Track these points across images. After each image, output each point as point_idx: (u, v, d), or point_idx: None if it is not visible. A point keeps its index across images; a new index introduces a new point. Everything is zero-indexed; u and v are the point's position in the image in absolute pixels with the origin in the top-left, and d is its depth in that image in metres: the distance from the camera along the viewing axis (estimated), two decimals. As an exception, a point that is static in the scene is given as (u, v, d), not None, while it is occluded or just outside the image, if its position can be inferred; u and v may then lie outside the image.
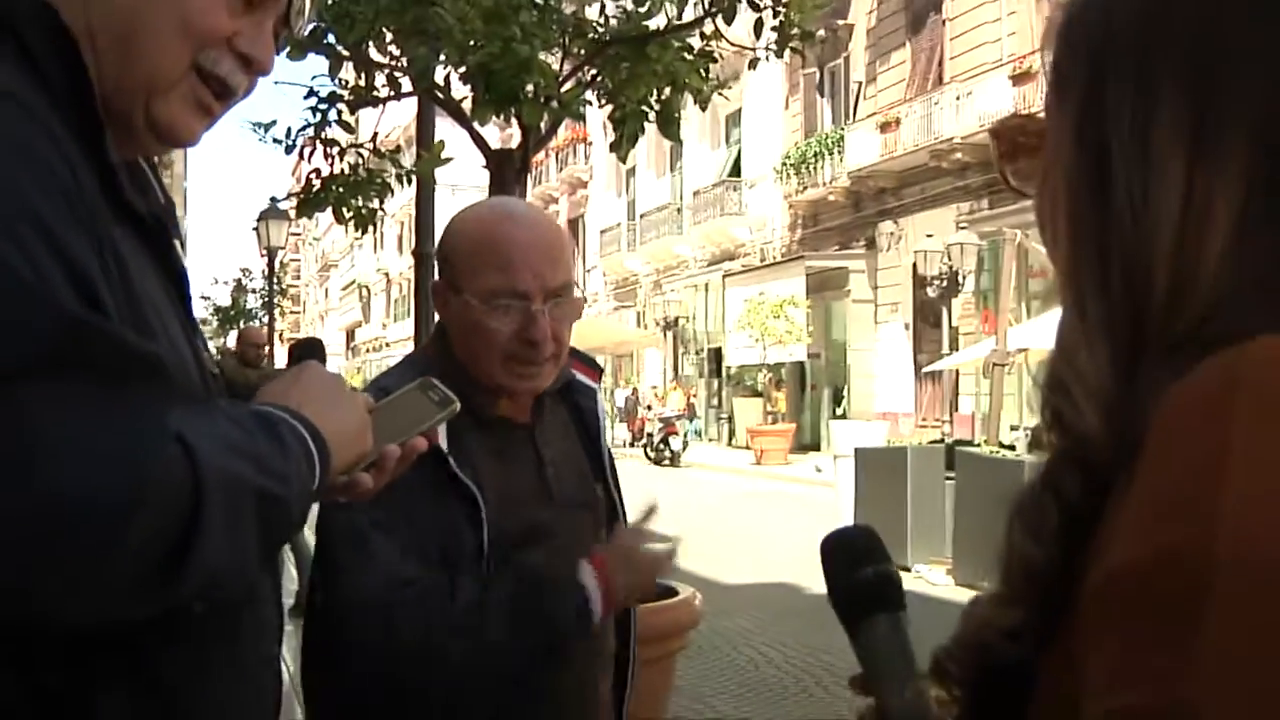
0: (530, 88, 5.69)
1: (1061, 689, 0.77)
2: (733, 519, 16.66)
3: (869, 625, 1.10)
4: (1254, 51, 0.80)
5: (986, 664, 0.86)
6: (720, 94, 7.01)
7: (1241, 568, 0.66)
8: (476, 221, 2.16)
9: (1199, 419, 0.71)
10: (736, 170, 34.53)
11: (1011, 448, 12.24)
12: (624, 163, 6.28)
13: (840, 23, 28.45)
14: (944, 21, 26.04)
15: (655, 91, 6.22)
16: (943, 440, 15.26)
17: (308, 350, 10.50)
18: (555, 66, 6.03)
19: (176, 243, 1.40)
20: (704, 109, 7.03)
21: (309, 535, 2.05)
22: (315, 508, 1.37)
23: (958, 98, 24.34)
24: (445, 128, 7.65)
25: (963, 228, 23.18)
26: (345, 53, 6.19)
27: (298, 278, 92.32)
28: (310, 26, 5.66)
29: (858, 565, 1.12)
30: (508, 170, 6.06)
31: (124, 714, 1.16)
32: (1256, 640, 0.65)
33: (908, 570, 10.66)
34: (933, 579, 10.81)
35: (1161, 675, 0.67)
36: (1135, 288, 0.81)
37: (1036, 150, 0.94)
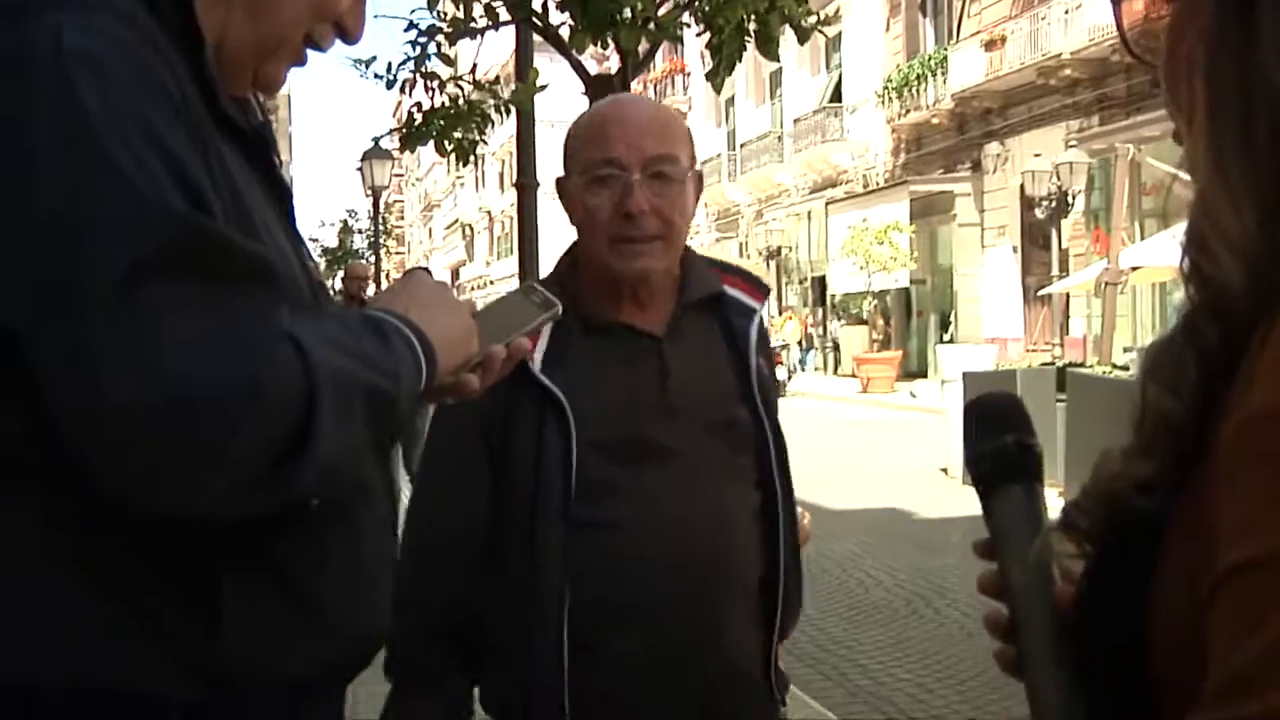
0: (627, 11, 5.67)
1: (1192, 541, 0.76)
2: (839, 446, 16.59)
3: (1003, 493, 1.08)
4: None
5: (1117, 517, 0.86)
6: (819, 30, 6.90)
7: None
8: (588, 112, 2.20)
9: None
10: (837, 96, 34.02)
11: (1125, 369, 12.00)
12: (719, 92, 6.21)
13: (942, -61, 27.82)
14: (1050, -66, 25.33)
15: (753, 15, 6.14)
16: (1053, 363, 15.02)
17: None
18: (653, -9, 5.99)
19: (277, 160, 1.44)
20: (803, 42, 6.93)
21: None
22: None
23: (1066, 11, 23.68)
24: (543, 62, 7.66)
25: (1072, 146, 22.61)
26: (443, -16, 6.20)
27: (402, 218, 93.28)
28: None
29: (1000, 432, 1.09)
30: (609, 96, 6.05)
31: (247, 600, 1.20)
32: None
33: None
34: (1046, 502, 10.69)
35: None
36: None
37: (1161, 15, 0.92)
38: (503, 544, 2.06)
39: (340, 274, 25.08)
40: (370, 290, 12.77)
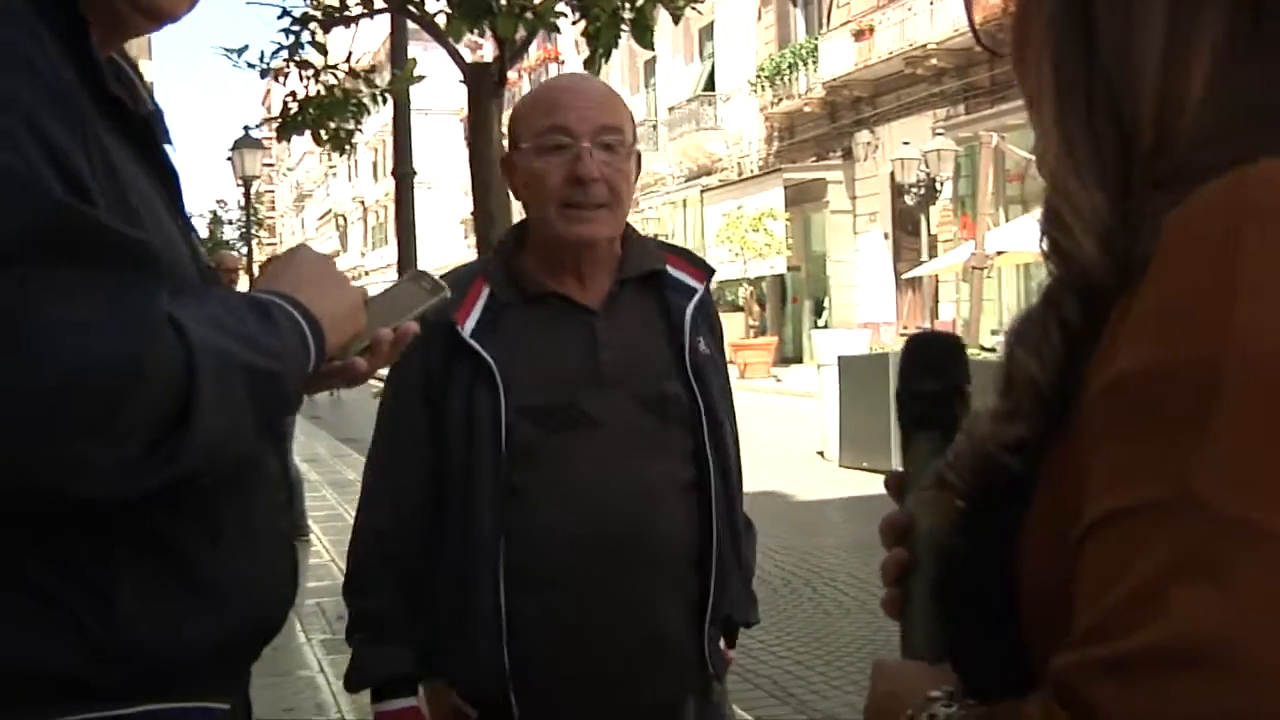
0: (504, 2, 5.66)
1: (1056, 497, 0.80)
2: (718, 431, 16.68)
3: (923, 438, 1.08)
4: None
5: (987, 476, 0.89)
6: (693, 8, 6.95)
7: (1251, 373, 0.68)
8: (537, 87, 2.29)
9: (1206, 239, 0.73)
10: (711, 84, 34.17)
11: (992, 350, 12.30)
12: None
13: (811, -70, 28.13)
14: (915, -75, 25.77)
15: (628, 2, 6.17)
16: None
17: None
18: (528, -22, 5.98)
19: (167, 145, 1.41)
20: (677, 21, 6.98)
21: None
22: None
23: (931, 2, 24.13)
24: (416, 50, 7.60)
25: (939, 134, 23.07)
26: (317, -29, 6.13)
27: (273, 208, 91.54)
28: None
29: (925, 374, 1.10)
30: (485, 84, 6.03)
31: (145, 583, 1.20)
32: (1264, 438, 0.68)
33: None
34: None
35: (1170, 471, 0.69)
36: (1123, 125, 0.83)
37: (1009, 9, 0.96)
38: (441, 515, 2.10)
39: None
40: (242, 283, 12.56)
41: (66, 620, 1.17)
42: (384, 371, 1.72)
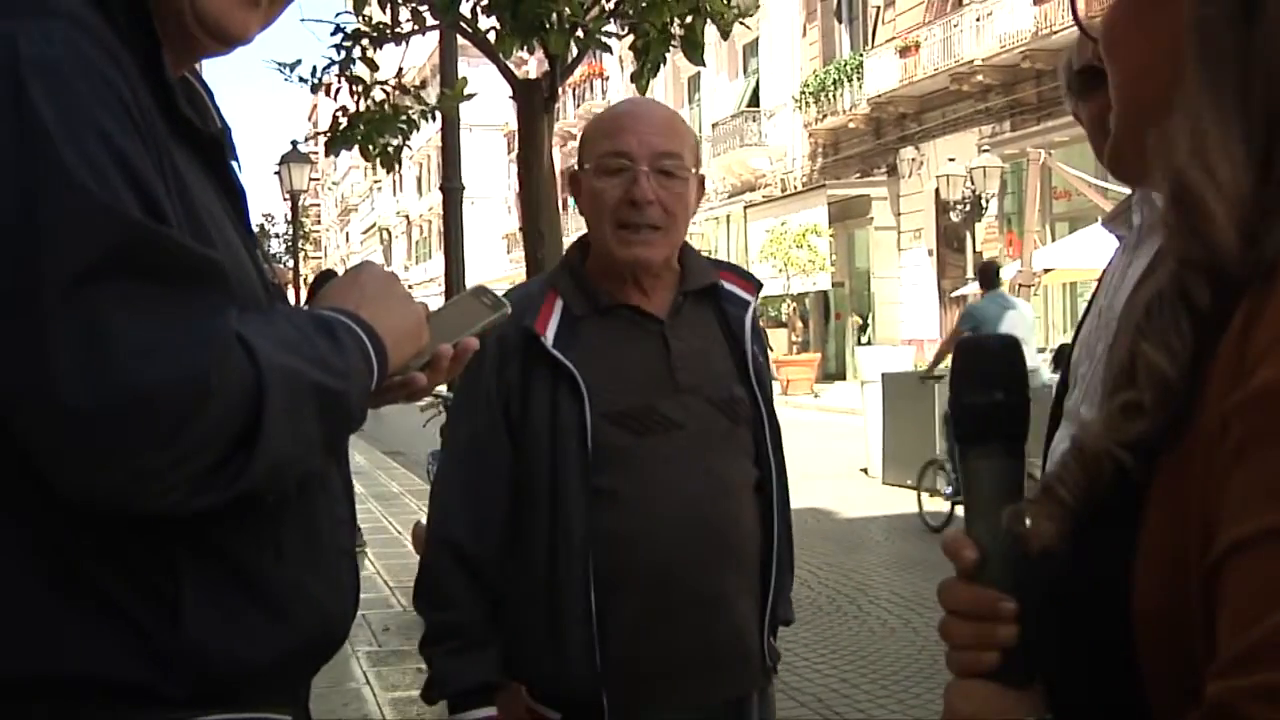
0: (554, 19, 5.68)
1: (1184, 504, 0.77)
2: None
3: (983, 453, 1.02)
4: None
5: (1097, 486, 0.84)
6: (741, 23, 6.94)
7: None
8: (605, 110, 2.34)
9: None
10: (755, 100, 34.16)
11: (1035, 370, 12.20)
12: (644, 92, 6.19)
13: (857, -53, 28.10)
14: (962, -58, 25.68)
15: (678, 19, 6.18)
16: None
17: (327, 280, 10.59)
18: (580, -3, 6.00)
19: (234, 162, 1.43)
20: (725, 37, 6.97)
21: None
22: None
23: (978, 19, 24.02)
24: (463, 65, 7.64)
25: (985, 151, 22.94)
26: (369, -12, 6.18)
27: (318, 222, 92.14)
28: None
29: (987, 386, 1.02)
30: (535, 100, 6.05)
31: (210, 595, 1.21)
32: None
33: (936, 493, 10.70)
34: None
35: None
36: (1277, 104, 0.80)
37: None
38: (525, 520, 2.13)
39: None
40: (289, 297, 12.65)
41: (134, 630, 1.18)
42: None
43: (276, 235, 47.09)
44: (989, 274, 11.32)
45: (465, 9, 6.17)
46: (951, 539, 1.01)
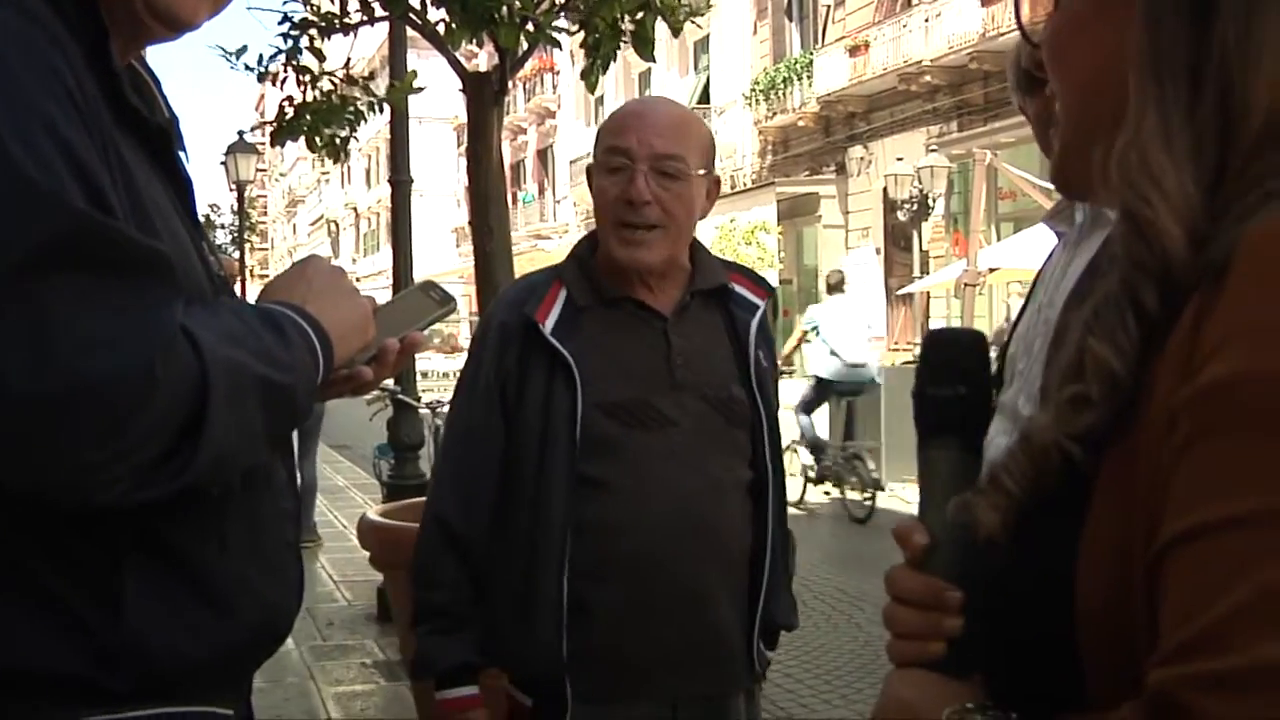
0: (504, 10, 5.65)
1: (1128, 497, 0.78)
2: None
3: (939, 445, 1.03)
4: None
5: (1043, 478, 0.85)
6: (692, 22, 6.94)
7: None
8: (620, 107, 2.34)
9: None
10: (705, 97, 34.19)
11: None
12: (593, 92, 6.18)
13: (808, -54, 28.22)
14: (912, -57, 25.86)
15: (628, 14, 6.17)
16: (915, 361, 15.32)
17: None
18: (530, -10, 5.98)
19: (181, 152, 1.42)
20: (676, 34, 6.96)
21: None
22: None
23: (926, 20, 24.17)
24: (412, 57, 7.59)
25: (932, 151, 23.09)
26: (318, -23, 6.12)
27: (265, 213, 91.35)
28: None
29: (947, 378, 1.03)
30: (485, 94, 6.02)
31: (153, 589, 1.21)
32: None
33: (881, 489, 10.80)
34: (907, 496, 10.96)
35: (1277, 484, 0.68)
36: (1230, 110, 0.81)
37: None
38: (509, 504, 2.14)
39: None
40: (236, 289, 12.55)
41: (76, 625, 1.18)
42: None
43: (222, 226, 46.79)
44: (833, 282, 12.51)
45: (414, 0, 6.14)
46: (903, 526, 1.02)
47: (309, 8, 6.64)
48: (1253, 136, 0.81)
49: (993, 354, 1.28)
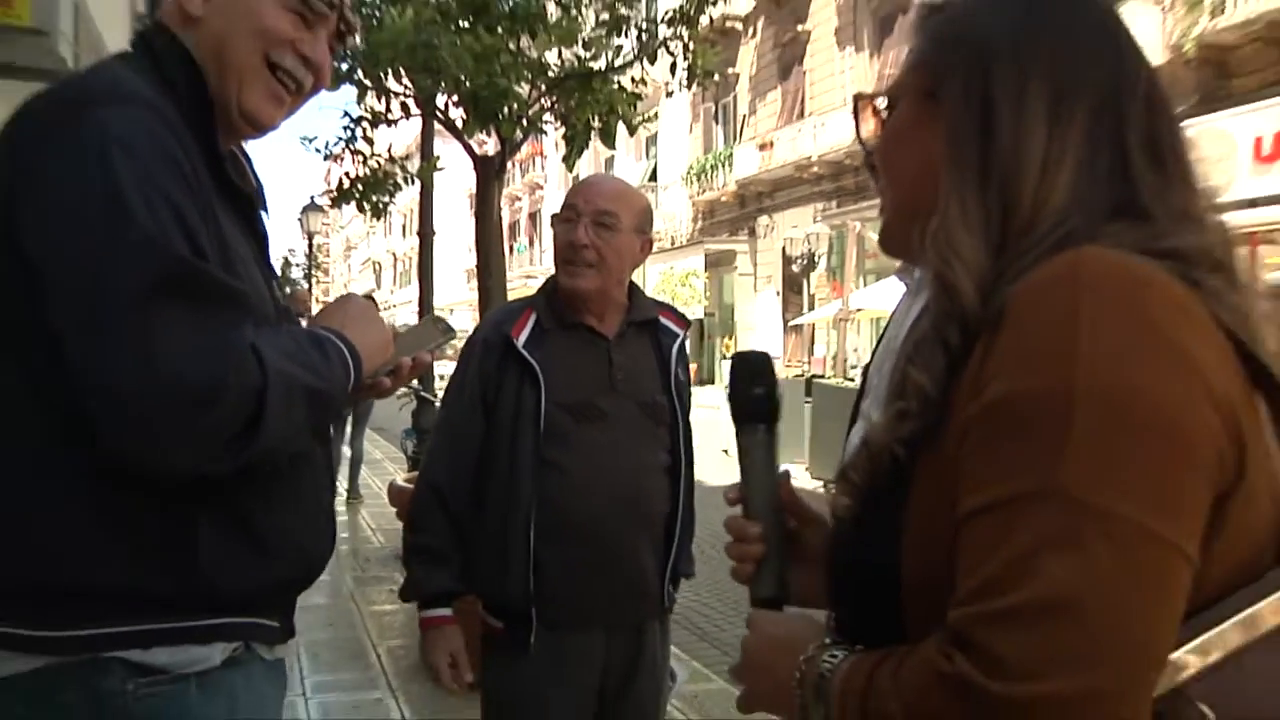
0: (506, 111, 5.66)
1: (932, 492, 0.79)
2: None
3: (750, 430, 1.09)
4: (1096, 57, 0.85)
5: (878, 467, 0.86)
6: (642, 126, 6.96)
7: (1096, 397, 0.70)
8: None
9: (1053, 297, 0.75)
10: (654, 176, 34.24)
11: (851, 380, 12.37)
12: (571, 170, 6.20)
13: (730, 70, 28.31)
14: (804, 71, 25.99)
15: (598, 115, 6.19)
16: (803, 375, 15.40)
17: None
18: (525, 96, 5.98)
19: (264, 214, 1.43)
20: (632, 133, 7.01)
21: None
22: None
23: (814, 127, 24.31)
24: (438, 144, 7.56)
25: (818, 221, 23.25)
26: (369, 84, 6.09)
27: (328, 256, 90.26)
28: (345, 65, 5.57)
29: (752, 382, 1.10)
30: (489, 171, 6.03)
31: (217, 537, 1.21)
32: (1108, 445, 0.69)
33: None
34: (794, 475, 10.90)
35: (1040, 469, 0.70)
36: (1008, 199, 0.83)
37: (879, 112, 0.98)
38: (488, 479, 2.11)
39: (282, 296, 25.15)
40: (315, 310, 12.42)
41: (164, 562, 1.18)
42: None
43: (297, 265, 46.13)
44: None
45: (440, 102, 6.12)
46: (729, 489, 1.09)
47: (363, 107, 6.60)
48: (1024, 219, 0.83)
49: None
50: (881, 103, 0.99)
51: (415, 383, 6.95)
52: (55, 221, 1.09)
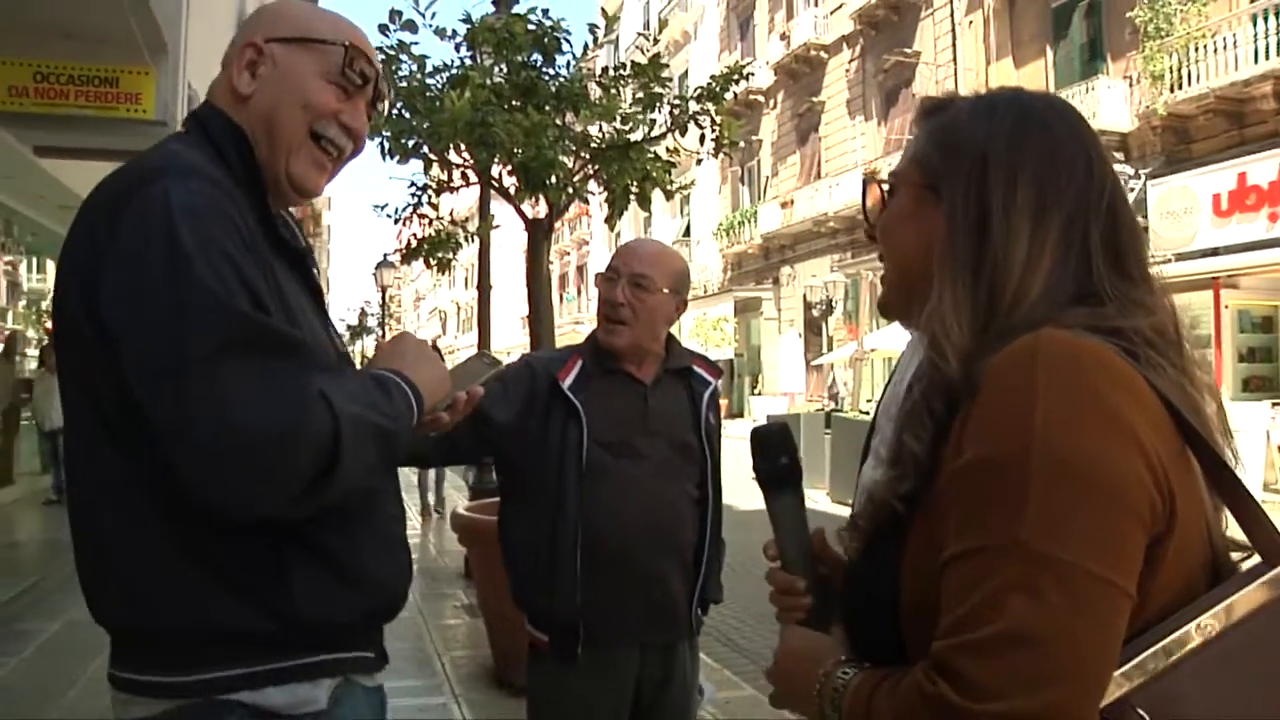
0: (554, 179, 5.73)
1: (926, 538, 0.83)
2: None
3: (779, 496, 1.11)
4: (1071, 172, 0.89)
5: (880, 521, 0.90)
6: (679, 189, 7.01)
7: (1049, 462, 0.74)
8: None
9: (1015, 371, 0.79)
10: (688, 232, 34.42)
11: (867, 413, 12.26)
12: (612, 229, 6.28)
13: (754, 137, 28.47)
14: (820, 138, 26.11)
15: (635, 182, 6.24)
16: (823, 410, 15.30)
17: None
18: (570, 165, 6.05)
19: (314, 269, 1.39)
20: (669, 197, 7.05)
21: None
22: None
23: (830, 187, 24.36)
24: (494, 206, 7.66)
25: (835, 271, 23.22)
26: (434, 157, 6.20)
27: (400, 305, 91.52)
28: (412, 141, 5.68)
29: (775, 455, 1.11)
30: (539, 232, 6.09)
31: (306, 574, 1.17)
32: (1061, 504, 0.73)
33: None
34: (816, 499, 10.86)
35: (1001, 526, 0.75)
36: (995, 291, 0.87)
37: (883, 198, 1.00)
38: (535, 507, 2.09)
39: (360, 343, 25.48)
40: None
41: (261, 601, 1.15)
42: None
43: (373, 315, 46.81)
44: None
45: (495, 171, 6.21)
46: (768, 545, 1.12)
47: (428, 177, 6.72)
48: (1006, 308, 0.86)
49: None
50: (885, 181, 1.02)
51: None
52: (128, 292, 1.06)
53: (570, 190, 6.03)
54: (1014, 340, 0.80)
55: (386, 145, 5.78)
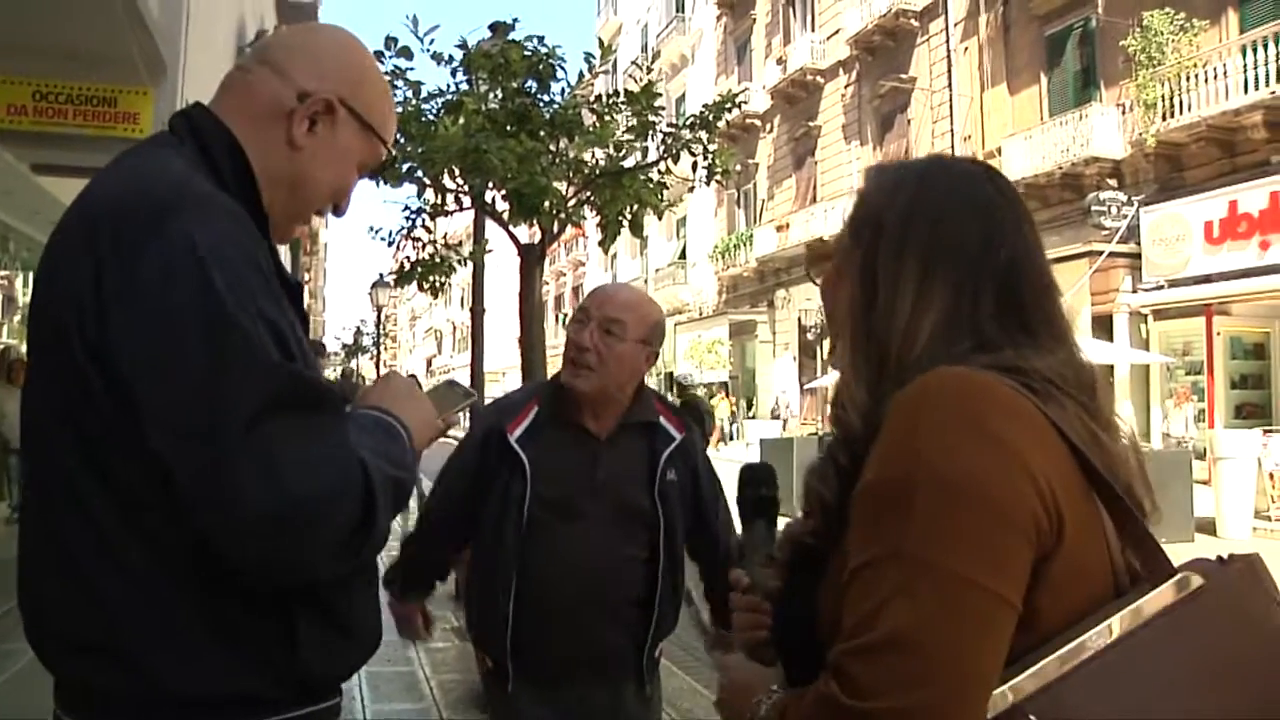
0: (547, 204, 5.79)
1: (840, 564, 0.88)
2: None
3: (753, 524, 1.19)
4: (959, 242, 0.95)
5: (798, 554, 0.98)
6: (670, 210, 7.08)
7: (929, 483, 0.81)
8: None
9: (906, 403, 0.86)
10: (683, 255, 34.47)
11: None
12: (607, 252, 6.32)
13: (750, 160, 28.62)
14: (815, 162, 26.25)
15: (628, 207, 6.30)
16: (818, 433, 15.29)
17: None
18: (563, 191, 6.11)
19: (304, 299, 1.37)
20: (660, 218, 7.13)
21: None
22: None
23: (825, 210, 24.48)
24: (489, 229, 7.73)
25: (830, 294, 23.17)
26: (428, 182, 6.26)
27: (396, 325, 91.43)
28: (406, 166, 5.74)
29: (757, 486, 1.20)
30: (531, 257, 6.14)
31: (313, 630, 1.15)
32: (941, 516, 0.80)
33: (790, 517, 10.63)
34: (778, 529, 10.78)
35: (889, 539, 0.81)
36: (884, 351, 0.94)
37: (828, 261, 1.09)
38: (480, 547, 2.13)
39: (356, 361, 25.28)
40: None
41: (265, 660, 1.12)
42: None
43: (368, 334, 46.93)
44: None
45: (489, 197, 6.27)
46: (732, 571, 1.17)
47: (422, 201, 6.78)
48: (893, 364, 0.94)
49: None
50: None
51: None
52: (153, 338, 0.99)
53: (563, 216, 6.09)
54: (909, 380, 0.87)
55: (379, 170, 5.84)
